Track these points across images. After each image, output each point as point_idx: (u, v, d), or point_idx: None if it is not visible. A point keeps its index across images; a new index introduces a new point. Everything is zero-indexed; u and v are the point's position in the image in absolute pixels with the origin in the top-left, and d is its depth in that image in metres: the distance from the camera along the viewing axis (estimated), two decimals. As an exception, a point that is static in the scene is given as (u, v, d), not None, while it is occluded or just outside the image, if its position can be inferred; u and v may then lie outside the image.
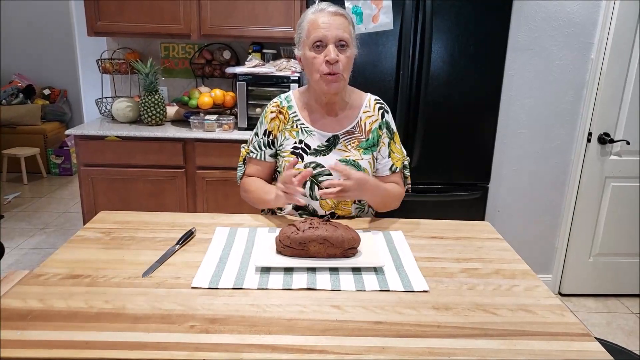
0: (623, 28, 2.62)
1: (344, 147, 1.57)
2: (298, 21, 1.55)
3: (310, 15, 1.49)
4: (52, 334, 0.91)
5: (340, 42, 1.46)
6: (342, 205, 1.58)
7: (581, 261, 3.00)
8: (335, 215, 1.59)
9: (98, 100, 3.05)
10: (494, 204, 2.94)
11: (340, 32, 1.45)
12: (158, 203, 2.77)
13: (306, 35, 1.48)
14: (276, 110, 1.62)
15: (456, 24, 2.41)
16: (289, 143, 1.58)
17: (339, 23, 1.46)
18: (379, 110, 1.63)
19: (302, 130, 1.58)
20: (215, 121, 2.75)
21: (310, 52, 1.47)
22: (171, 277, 1.15)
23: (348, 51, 1.48)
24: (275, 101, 1.64)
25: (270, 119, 1.62)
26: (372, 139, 1.60)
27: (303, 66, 1.56)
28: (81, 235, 1.37)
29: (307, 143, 1.57)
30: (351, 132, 1.59)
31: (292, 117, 1.60)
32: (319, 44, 1.45)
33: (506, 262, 1.31)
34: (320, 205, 1.57)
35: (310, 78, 1.52)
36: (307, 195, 1.55)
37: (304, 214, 1.60)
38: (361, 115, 1.61)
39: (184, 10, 2.78)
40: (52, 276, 1.13)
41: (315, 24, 1.46)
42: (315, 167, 1.54)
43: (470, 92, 2.50)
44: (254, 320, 0.98)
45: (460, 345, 0.93)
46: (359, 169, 1.55)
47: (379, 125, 1.61)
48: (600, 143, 2.79)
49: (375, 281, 1.15)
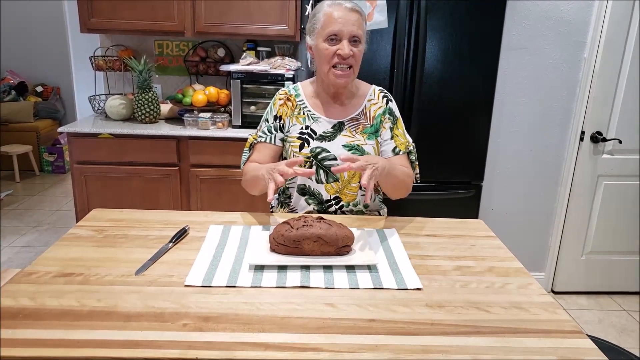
0: (616, 27, 2.63)
1: (349, 133, 1.61)
2: (313, 10, 1.58)
3: (327, 8, 1.52)
4: (43, 332, 0.91)
5: (354, 37, 1.50)
6: (346, 190, 1.61)
7: (574, 259, 3.01)
8: (340, 200, 1.61)
9: (91, 98, 3.03)
10: (488, 203, 2.94)
11: (355, 29, 1.50)
12: (152, 201, 2.76)
13: (322, 27, 1.52)
14: (284, 97, 1.66)
15: (450, 22, 2.42)
16: (295, 129, 1.62)
17: (354, 19, 1.50)
18: (383, 98, 1.68)
19: (309, 117, 1.62)
20: (209, 119, 2.74)
21: (324, 44, 1.51)
22: (164, 275, 1.15)
23: (360, 46, 1.54)
24: (283, 89, 1.69)
25: (279, 105, 1.65)
26: (375, 125, 1.65)
27: (313, 55, 1.60)
28: (74, 233, 1.36)
29: (313, 129, 1.61)
30: (356, 118, 1.63)
31: (300, 104, 1.65)
32: (333, 37, 1.50)
33: (499, 260, 1.31)
34: (325, 189, 1.60)
35: (320, 69, 1.57)
36: (312, 179, 1.59)
37: (309, 199, 1.62)
38: (366, 103, 1.66)
39: (178, 8, 2.77)
40: (43, 274, 1.13)
41: (331, 17, 1.49)
42: (320, 151, 1.58)
43: (464, 91, 2.51)
44: (247, 318, 0.98)
45: (453, 342, 0.93)
46: (363, 153, 1.58)
47: (383, 111, 1.66)
48: (593, 142, 2.81)
49: (369, 279, 1.16)
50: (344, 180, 1.59)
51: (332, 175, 1.58)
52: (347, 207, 1.63)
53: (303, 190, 1.62)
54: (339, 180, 1.59)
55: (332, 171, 1.34)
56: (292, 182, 1.65)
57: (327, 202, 1.61)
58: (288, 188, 1.68)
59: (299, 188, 1.63)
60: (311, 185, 1.60)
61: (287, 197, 1.69)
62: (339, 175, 1.58)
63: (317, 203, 1.62)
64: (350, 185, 1.60)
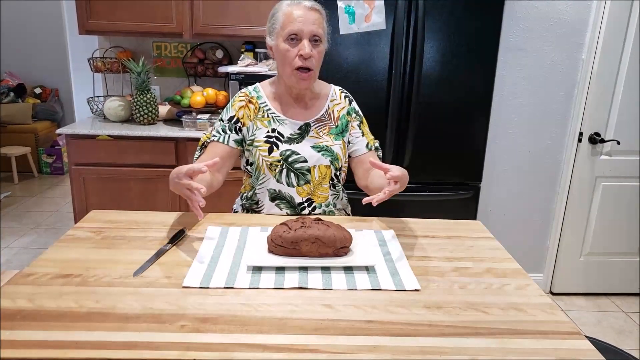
0: (613, 29, 2.64)
1: (316, 134, 1.61)
2: (272, 10, 1.55)
3: (285, 7, 1.50)
4: (41, 334, 0.91)
5: (314, 37, 1.49)
6: (318, 191, 1.60)
7: (572, 260, 3.02)
8: (312, 202, 1.61)
9: (90, 99, 3.03)
10: (486, 204, 2.95)
11: (315, 28, 1.48)
12: (150, 202, 2.76)
13: (281, 27, 1.49)
14: (245, 99, 1.62)
15: (448, 24, 2.42)
16: (261, 132, 1.59)
17: (314, 18, 1.48)
18: (345, 98, 1.69)
19: (274, 120, 1.60)
20: (208, 120, 2.74)
21: (284, 45, 1.49)
22: (162, 276, 1.15)
23: (321, 46, 1.52)
24: (243, 91, 1.65)
25: (238, 107, 1.61)
26: (341, 125, 1.65)
27: (274, 56, 1.57)
28: (72, 234, 1.36)
29: (280, 132, 1.59)
30: (321, 119, 1.63)
31: (263, 107, 1.61)
32: (293, 37, 1.48)
33: (497, 261, 1.31)
34: (297, 192, 1.59)
35: (282, 70, 1.55)
36: (283, 183, 1.58)
37: (281, 203, 1.61)
38: (329, 103, 1.66)
39: (176, 9, 2.77)
40: (41, 276, 1.12)
41: (290, 17, 1.47)
42: (290, 154, 1.57)
43: (462, 92, 2.51)
44: (245, 320, 0.98)
45: (451, 344, 0.93)
46: (332, 154, 1.59)
47: (347, 111, 1.67)
48: (591, 143, 2.81)
49: (367, 280, 1.16)
50: (315, 182, 1.59)
51: (302, 178, 1.57)
52: (319, 209, 1.62)
53: (273, 195, 1.60)
54: (311, 182, 1.59)
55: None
56: (262, 187, 1.61)
57: (300, 205, 1.60)
58: (256, 194, 1.64)
59: (270, 193, 1.60)
60: (281, 189, 1.58)
61: (255, 203, 1.66)
62: (310, 177, 1.58)
63: (289, 207, 1.60)
64: (322, 186, 1.60)
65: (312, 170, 1.58)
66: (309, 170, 1.57)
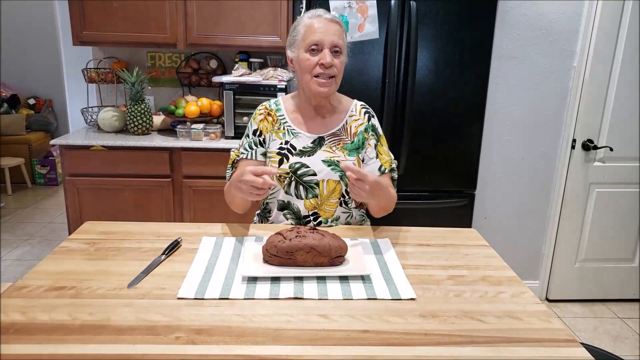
0: (604, 36, 2.67)
1: (329, 148, 1.60)
2: (293, 24, 1.59)
3: (307, 20, 1.53)
4: (34, 347, 0.90)
5: (335, 47, 1.51)
6: (325, 206, 1.60)
7: (567, 267, 3.02)
8: (318, 216, 1.60)
9: (84, 110, 3.02)
10: (481, 211, 2.95)
11: (336, 39, 1.50)
12: (144, 213, 2.75)
13: (302, 38, 1.52)
14: (265, 112, 1.66)
15: (441, 32, 2.44)
16: (275, 144, 1.61)
17: (335, 29, 1.50)
18: (365, 114, 1.67)
19: (289, 132, 1.62)
20: (202, 130, 2.74)
21: (305, 55, 1.51)
22: (157, 287, 1.14)
23: (341, 57, 1.53)
24: (263, 104, 1.69)
25: (259, 120, 1.65)
26: (357, 142, 1.63)
27: (295, 68, 1.59)
28: (65, 246, 1.35)
29: (293, 144, 1.60)
30: (337, 134, 1.62)
31: (280, 119, 1.64)
32: (314, 47, 1.50)
33: (492, 268, 1.31)
34: (304, 205, 1.59)
35: (302, 79, 1.56)
36: (291, 194, 1.59)
37: (288, 214, 1.61)
38: (347, 118, 1.65)
39: (170, 20, 2.77)
40: (35, 288, 1.12)
41: (312, 28, 1.50)
42: (300, 167, 1.57)
43: (456, 100, 2.53)
44: (240, 331, 0.97)
45: (447, 352, 0.93)
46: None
47: (365, 128, 1.65)
48: (584, 149, 2.83)
49: (363, 289, 1.15)
50: (323, 196, 1.58)
51: (311, 191, 1.58)
52: (325, 224, 1.61)
53: (282, 205, 1.62)
54: (319, 197, 1.58)
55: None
56: (273, 197, 1.63)
57: (305, 218, 1.60)
58: (269, 203, 1.67)
59: (279, 203, 1.62)
60: (291, 200, 1.60)
61: (268, 211, 1.69)
62: (318, 191, 1.57)
63: (295, 218, 1.61)
64: (330, 202, 1.59)
65: (320, 184, 1.57)
66: (317, 184, 1.57)
